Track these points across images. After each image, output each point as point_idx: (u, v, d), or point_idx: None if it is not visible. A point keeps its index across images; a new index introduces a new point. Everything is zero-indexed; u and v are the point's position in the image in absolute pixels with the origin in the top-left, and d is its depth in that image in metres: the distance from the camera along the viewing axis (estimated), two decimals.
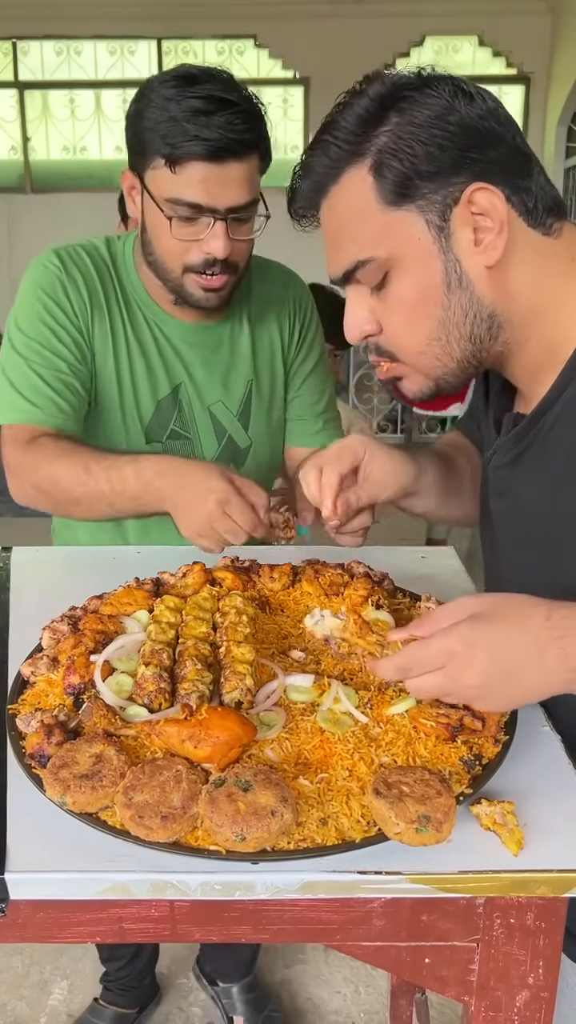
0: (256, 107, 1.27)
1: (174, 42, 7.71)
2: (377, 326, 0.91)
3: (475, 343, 0.89)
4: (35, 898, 0.78)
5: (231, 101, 1.22)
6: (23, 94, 7.91)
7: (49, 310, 1.37)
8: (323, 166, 0.87)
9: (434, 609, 0.94)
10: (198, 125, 1.21)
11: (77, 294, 1.39)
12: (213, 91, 1.22)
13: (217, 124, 1.21)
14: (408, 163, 0.82)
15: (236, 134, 1.22)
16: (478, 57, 7.72)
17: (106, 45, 7.75)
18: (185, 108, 1.21)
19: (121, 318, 1.43)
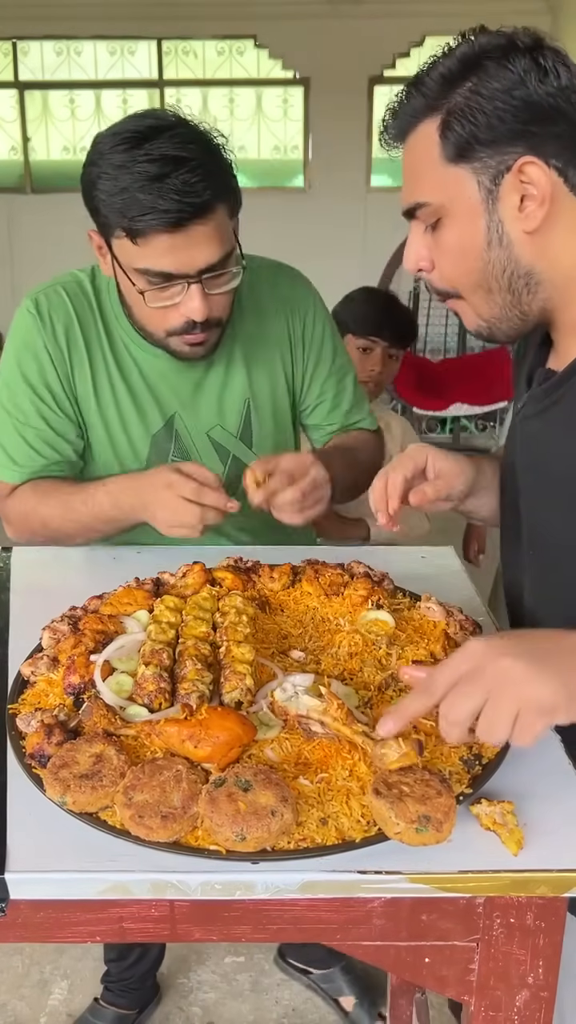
0: (214, 155, 1.19)
1: (174, 42, 7.71)
2: (431, 263, 0.99)
3: (514, 295, 0.96)
4: (35, 898, 0.78)
5: (185, 159, 1.13)
6: (23, 94, 7.91)
7: (25, 366, 1.38)
8: (406, 113, 0.95)
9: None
10: (153, 195, 1.13)
11: (55, 345, 1.37)
12: (165, 150, 1.14)
13: (172, 188, 1.12)
14: (469, 129, 0.89)
15: (195, 196, 1.13)
16: None
17: (106, 45, 7.75)
18: (137, 176, 1.14)
19: (104, 359, 1.39)
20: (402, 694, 0.93)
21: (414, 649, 1.00)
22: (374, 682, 0.96)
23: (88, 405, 1.40)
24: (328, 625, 1.09)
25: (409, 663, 0.96)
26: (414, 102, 0.93)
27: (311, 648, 1.04)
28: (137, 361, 1.40)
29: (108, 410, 1.40)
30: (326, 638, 1.06)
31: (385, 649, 1.00)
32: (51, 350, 1.36)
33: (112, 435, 1.42)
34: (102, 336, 1.39)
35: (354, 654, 1.01)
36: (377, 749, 0.80)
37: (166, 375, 1.41)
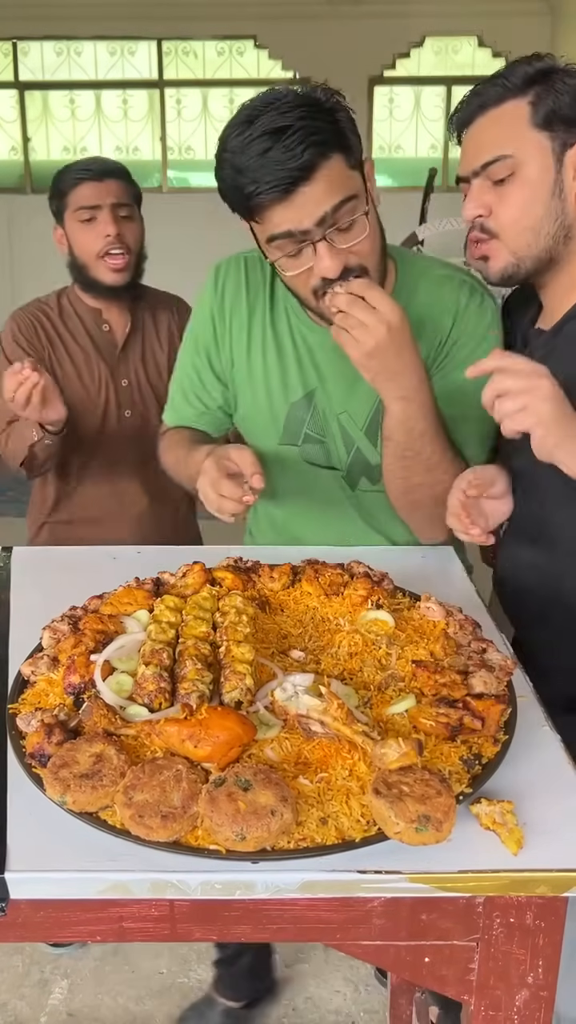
0: (318, 115, 1.19)
1: (174, 42, 7.72)
2: (489, 209, 1.22)
3: (553, 241, 1.21)
4: (35, 898, 0.78)
5: (285, 127, 1.16)
6: (23, 94, 7.92)
7: (195, 324, 1.52)
8: (490, 96, 1.20)
9: None
10: (259, 171, 1.17)
11: (220, 309, 1.47)
12: (267, 124, 1.17)
13: (274, 160, 1.16)
14: (555, 104, 1.17)
15: (295, 160, 1.16)
16: (477, 58, 7.72)
17: (106, 46, 7.76)
18: (250, 155, 1.18)
19: (263, 325, 1.46)
20: (402, 694, 0.93)
21: (414, 649, 1.00)
22: (374, 682, 0.96)
23: (240, 367, 1.48)
24: (328, 625, 1.09)
25: (409, 663, 0.97)
26: (497, 89, 1.19)
27: (311, 648, 1.05)
28: (293, 331, 1.45)
29: (256, 373, 1.46)
30: (326, 638, 1.06)
31: (385, 649, 1.00)
32: (216, 313, 1.48)
33: (256, 397, 1.48)
34: (266, 304, 1.46)
35: (354, 654, 1.01)
36: (377, 749, 0.80)
37: (314, 349, 1.44)
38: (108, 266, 1.88)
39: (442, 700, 0.89)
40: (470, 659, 0.98)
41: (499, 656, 0.98)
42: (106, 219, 1.86)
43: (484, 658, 0.98)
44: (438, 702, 0.88)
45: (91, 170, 1.88)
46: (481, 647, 1.00)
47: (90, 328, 2.00)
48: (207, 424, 1.55)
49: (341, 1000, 2.04)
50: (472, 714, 0.86)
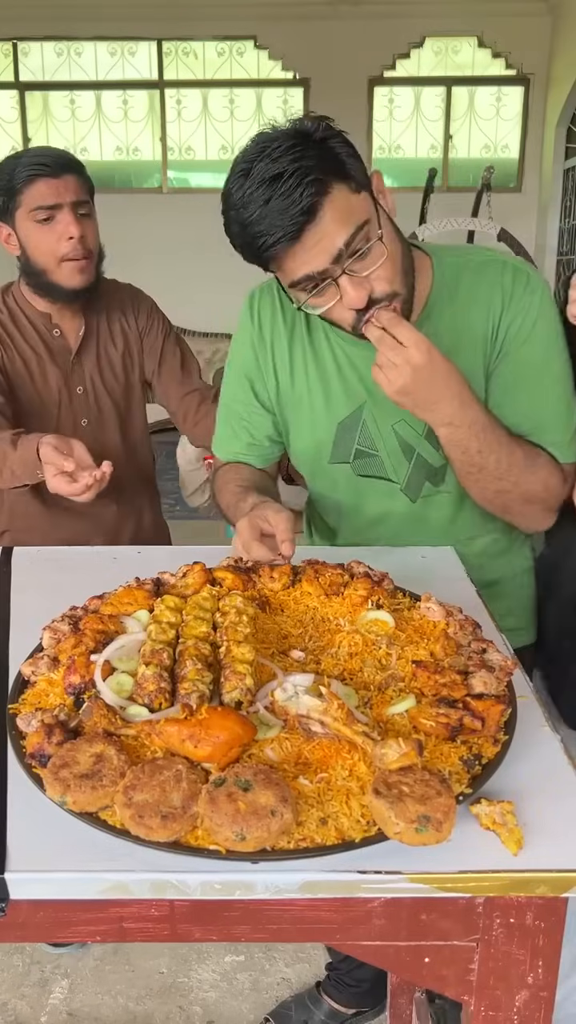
0: (310, 153, 1.15)
1: (174, 43, 7.72)
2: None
3: None
4: (35, 898, 0.78)
5: (278, 175, 1.14)
6: (24, 95, 7.92)
7: (235, 355, 1.52)
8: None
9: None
10: (256, 231, 1.17)
11: (259, 338, 1.46)
12: (264, 172, 1.15)
13: (276, 209, 1.14)
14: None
15: (296, 206, 1.14)
16: (477, 58, 7.72)
17: (106, 46, 7.76)
18: (240, 219, 1.18)
19: (302, 346, 1.44)
20: (402, 694, 0.93)
21: (414, 649, 1.00)
22: (374, 682, 0.96)
23: (286, 392, 1.47)
24: (328, 625, 1.09)
25: (409, 663, 0.97)
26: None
27: (311, 648, 1.05)
28: (333, 347, 1.43)
29: (301, 396, 1.46)
30: (326, 638, 1.06)
31: (385, 649, 1.00)
32: (256, 342, 1.47)
33: (303, 420, 1.47)
34: (304, 326, 1.44)
35: (354, 654, 1.01)
36: (377, 749, 0.80)
37: (359, 364, 1.41)
38: (70, 269, 1.74)
39: (442, 700, 0.89)
40: (470, 659, 0.98)
41: (499, 656, 0.98)
42: (67, 219, 1.71)
43: (484, 658, 0.98)
44: (438, 702, 0.88)
45: (47, 165, 1.70)
46: (481, 647, 1.00)
47: (41, 333, 1.86)
48: (256, 457, 1.54)
49: None
50: (472, 714, 0.86)
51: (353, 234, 1.17)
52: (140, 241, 6.51)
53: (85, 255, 1.74)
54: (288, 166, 1.14)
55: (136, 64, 7.84)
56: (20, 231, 1.75)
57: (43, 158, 1.72)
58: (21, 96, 7.92)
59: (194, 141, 8.04)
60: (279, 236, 1.16)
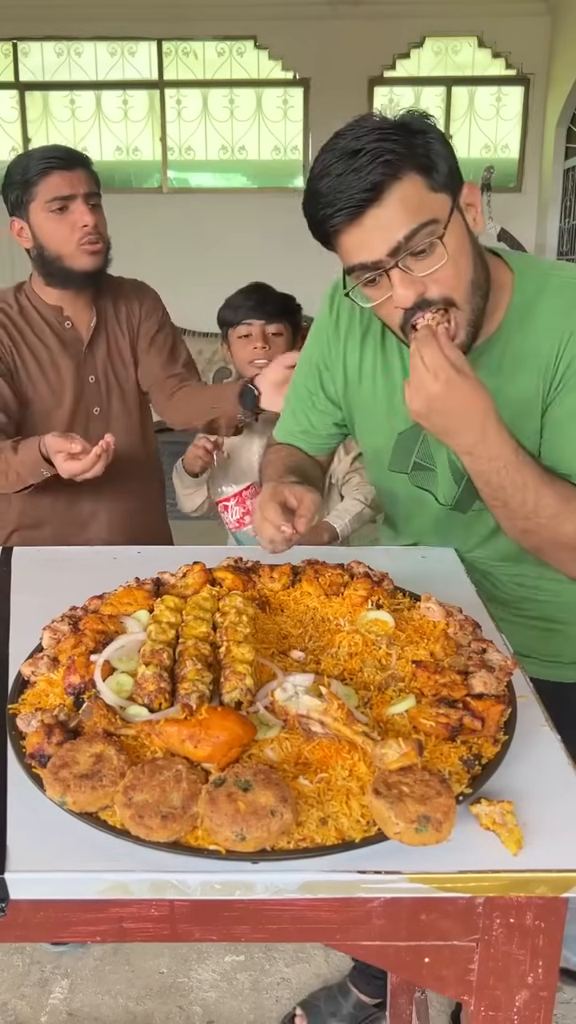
0: (396, 136, 1.11)
1: (174, 43, 7.72)
2: None
3: None
4: (35, 898, 0.78)
5: (357, 150, 1.11)
6: (24, 95, 7.92)
7: (311, 343, 1.50)
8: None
9: None
10: (324, 202, 1.14)
11: (335, 331, 1.44)
12: (346, 147, 1.12)
13: (346, 183, 1.11)
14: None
15: (363, 182, 1.10)
16: (477, 58, 7.72)
17: (106, 46, 7.75)
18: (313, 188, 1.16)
19: (374, 350, 1.41)
20: (402, 694, 0.93)
21: (414, 649, 1.00)
22: (374, 682, 0.96)
23: (353, 390, 1.45)
24: (328, 625, 1.09)
25: (409, 663, 0.97)
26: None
27: (311, 648, 1.05)
28: (404, 356, 1.37)
29: (367, 398, 1.44)
30: (326, 638, 1.06)
31: (385, 649, 1.00)
32: (330, 336, 1.45)
33: (365, 422, 1.46)
34: (377, 326, 1.40)
35: (354, 654, 1.01)
36: (377, 749, 0.80)
37: None
38: (84, 253, 1.84)
39: (442, 700, 0.89)
40: (470, 659, 0.98)
41: (499, 656, 0.98)
42: (81, 209, 1.81)
43: (484, 658, 0.98)
44: (438, 702, 0.88)
45: (60, 158, 1.80)
46: (481, 647, 1.00)
47: (53, 325, 1.94)
48: (309, 444, 1.53)
49: None
50: (472, 714, 0.86)
51: (416, 229, 1.12)
52: (140, 241, 6.51)
53: (98, 240, 1.84)
54: (368, 144, 1.11)
55: (136, 64, 7.84)
56: (34, 222, 1.84)
57: (55, 152, 1.82)
58: (21, 96, 7.92)
59: (194, 141, 8.03)
60: (340, 208, 1.12)
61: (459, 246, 1.16)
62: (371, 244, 1.14)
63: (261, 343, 2.12)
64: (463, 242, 1.17)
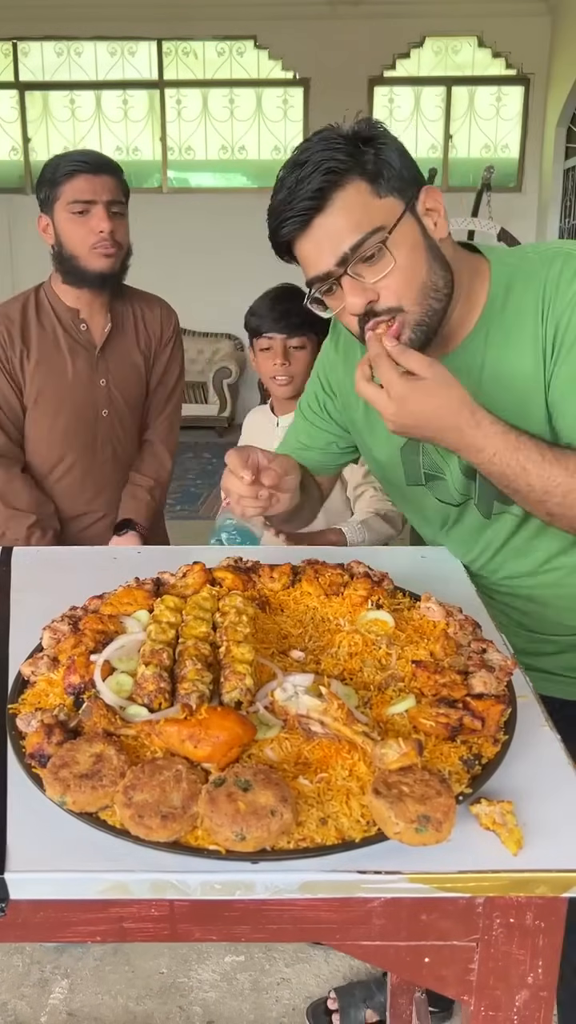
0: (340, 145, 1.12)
1: (174, 43, 7.73)
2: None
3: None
4: (35, 898, 0.78)
5: (301, 162, 1.13)
6: (23, 95, 7.93)
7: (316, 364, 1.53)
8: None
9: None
10: (275, 216, 1.17)
11: (335, 351, 1.46)
12: (295, 158, 1.15)
13: (293, 193, 1.13)
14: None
15: (306, 190, 1.12)
16: (477, 58, 7.73)
17: (106, 46, 7.76)
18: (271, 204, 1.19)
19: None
20: (402, 694, 0.93)
21: (414, 649, 1.00)
22: (374, 682, 0.96)
23: (353, 409, 1.44)
24: (328, 625, 1.09)
25: (409, 663, 0.97)
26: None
27: (311, 648, 1.05)
28: None
29: (364, 419, 1.42)
30: (326, 638, 1.06)
31: (385, 649, 1.00)
32: (331, 354, 1.47)
33: (367, 443, 1.44)
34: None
35: (354, 654, 1.01)
36: (377, 749, 0.80)
37: None
38: (98, 255, 1.90)
39: (442, 700, 0.89)
40: (470, 659, 0.98)
41: (499, 656, 0.98)
42: (100, 215, 1.87)
43: (484, 658, 0.98)
44: (438, 702, 0.88)
45: (87, 163, 1.87)
46: (481, 647, 1.00)
47: (68, 327, 2.00)
48: (305, 459, 1.50)
49: None
50: (472, 714, 0.86)
51: (363, 239, 1.12)
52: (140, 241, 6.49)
53: (113, 247, 1.90)
54: (314, 155, 1.13)
55: (136, 64, 7.84)
56: (57, 221, 1.92)
57: (84, 156, 1.90)
58: (21, 96, 7.92)
59: (194, 141, 8.04)
60: (288, 218, 1.14)
61: (411, 251, 1.14)
62: (320, 253, 1.14)
63: (281, 359, 2.08)
64: (415, 247, 1.15)
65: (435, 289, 1.17)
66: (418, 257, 1.15)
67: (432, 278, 1.16)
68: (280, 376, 2.07)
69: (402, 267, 1.13)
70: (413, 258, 1.15)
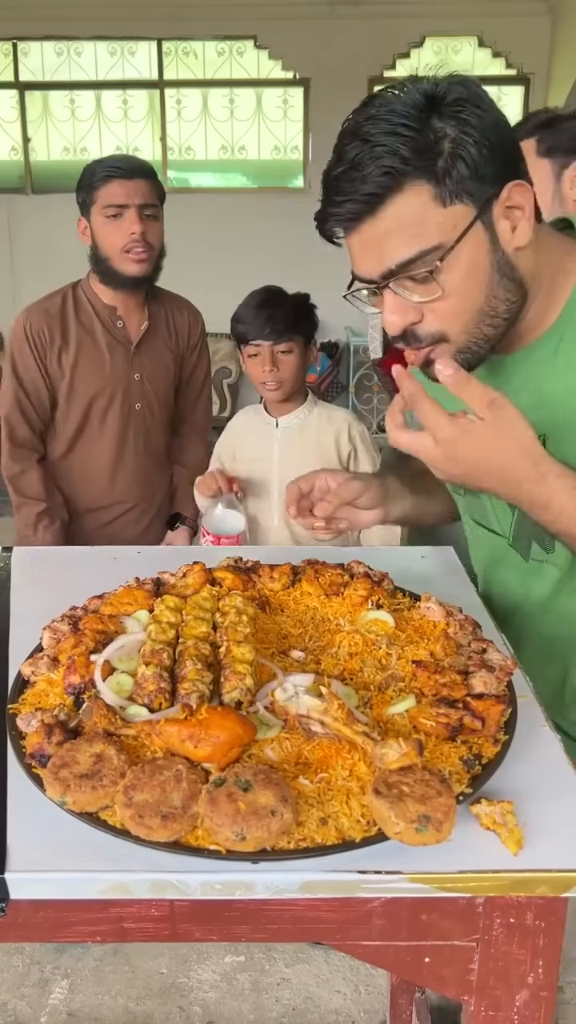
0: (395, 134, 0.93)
1: (174, 43, 7.72)
2: None
3: None
4: (35, 898, 0.78)
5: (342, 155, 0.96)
6: (23, 95, 7.92)
7: None
8: None
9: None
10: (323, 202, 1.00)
11: None
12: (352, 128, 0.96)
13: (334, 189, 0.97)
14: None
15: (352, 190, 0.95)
16: (478, 58, 7.72)
17: (106, 46, 7.75)
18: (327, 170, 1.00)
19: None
20: (402, 694, 0.93)
21: (414, 649, 1.00)
22: (374, 682, 0.96)
23: None
24: (328, 625, 1.09)
25: (409, 663, 0.97)
26: None
27: (311, 648, 1.04)
28: None
29: None
30: (326, 638, 1.06)
31: (385, 649, 1.00)
32: None
33: None
34: None
35: (354, 654, 1.01)
36: (377, 749, 0.80)
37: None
38: (131, 258, 1.99)
39: (442, 700, 0.89)
40: (470, 659, 0.98)
41: (499, 656, 0.98)
42: (132, 218, 1.97)
43: (484, 658, 0.98)
44: (438, 702, 0.88)
45: (121, 168, 1.97)
46: (481, 647, 1.00)
47: (106, 323, 2.10)
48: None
49: (341, 1000, 2.04)
50: (472, 714, 0.86)
51: (412, 259, 0.95)
52: None
53: (145, 250, 2.00)
54: (377, 137, 0.93)
55: (136, 64, 7.83)
56: (93, 224, 2.03)
57: (118, 162, 2.01)
58: (21, 96, 7.91)
59: (194, 141, 8.03)
60: (334, 215, 0.98)
61: (469, 275, 0.97)
62: (364, 261, 0.99)
63: (270, 366, 2.07)
64: (475, 270, 0.97)
65: (492, 315, 1.00)
66: (476, 281, 0.98)
67: (491, 303, 1.00)
68: (269, 382, 2.07)
69: (455, 292, 0.97)
70: (470, 283, 0.97)
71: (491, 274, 0.98)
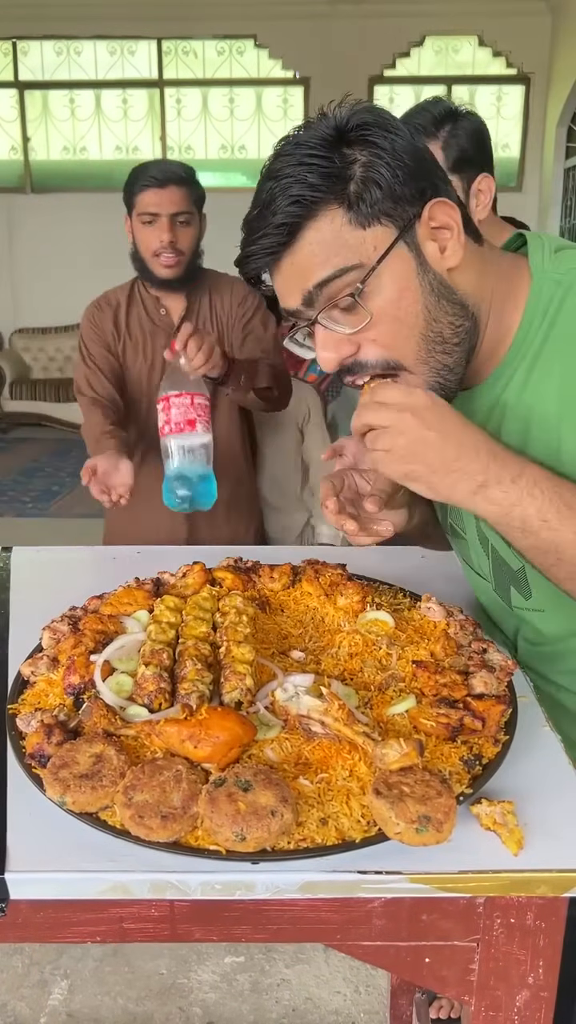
0: (306, 161, 0.89)
1: (174, 42, 7.73)
2: None
3: None
4: (35, 898, 0.78)
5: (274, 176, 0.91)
6: (23, 94, 7.93)
7: None
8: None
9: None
10: (244, 243, 0.96)
11: None
12: (268, 169, 0.93)
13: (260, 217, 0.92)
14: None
15: (269, 224, 0.91)
16: (478, 57, 7.73)
17: (106, 45, 7.76)
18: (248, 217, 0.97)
19: None
20: (402, 695, 0.93)
21: (414, 649, 1.00)
22: (374, 682, 0.96)
23: None
24: (328, 625, 1.09)
25: (409, 664, 0.97)
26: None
27: (311, 648, 1.04)
28: None
29: None
30: (326, 638, 1.06)
31: (385, 649, 1.00)
32: None
33: None
34: None
35: (354, 654, 1.01)
36: (377, 749, 0.80)
37: None
38: (161, 263, 2.11)
39: (442, 700, 0.89)
40: (470, 659, 0.98)
41: (500, 656, 0.98)
42: (163, 226, 2.07)
43: (485, 658, 0.98)
44: (438, 702, 0.88)
45: (156, 178, 2.08)
46: (482, 647, 1.00)
47: (151, 313, 2.23)
48: None
49: (341, 1000, 2.04)
50: (472, 714, 0.86)
51: (329, 277, 0.89)
52: None
53: (176, 256, 2.11)
54: (287, 169, 0.90)
55: (136, 63, 7.84)
56: (133, 227, 2.16)
57: (154, 171, 2.09)
58: (20, 95, 7.92)
59: (194, 140, 8.04)
60: (252, 255, 0.94)
61: (397, 296, 0.90)
62: (288, 292, 0.94)
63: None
64: (404, 291, 0.91)
65: (440, 341, 0.93)
66: (408, 305, 0.91)
67: (434, 328, 0.93)
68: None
69: (386, 317, 0.91)
70: (402, 307, 0.91)
71: (426, 297, 0.92)
